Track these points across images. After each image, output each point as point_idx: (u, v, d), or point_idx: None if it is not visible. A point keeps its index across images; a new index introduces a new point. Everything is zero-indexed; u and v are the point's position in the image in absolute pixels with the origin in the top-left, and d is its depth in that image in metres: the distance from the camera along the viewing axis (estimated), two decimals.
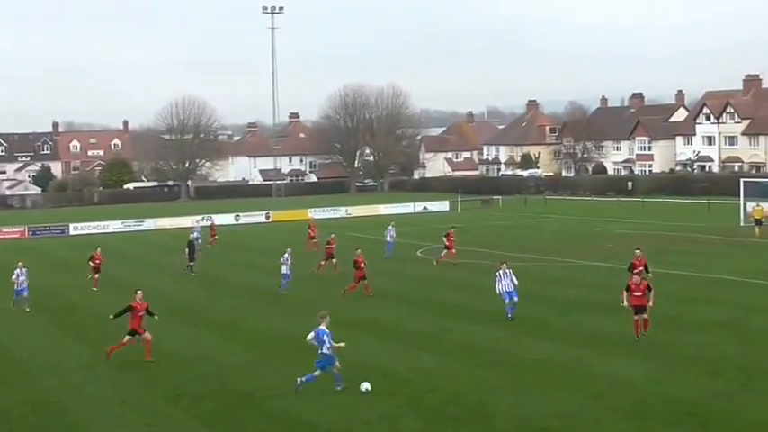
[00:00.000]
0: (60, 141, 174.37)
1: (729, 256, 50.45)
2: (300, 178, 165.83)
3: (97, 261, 46.17)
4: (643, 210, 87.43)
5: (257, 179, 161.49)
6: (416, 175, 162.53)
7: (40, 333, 34.62)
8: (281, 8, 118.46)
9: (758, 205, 64.28)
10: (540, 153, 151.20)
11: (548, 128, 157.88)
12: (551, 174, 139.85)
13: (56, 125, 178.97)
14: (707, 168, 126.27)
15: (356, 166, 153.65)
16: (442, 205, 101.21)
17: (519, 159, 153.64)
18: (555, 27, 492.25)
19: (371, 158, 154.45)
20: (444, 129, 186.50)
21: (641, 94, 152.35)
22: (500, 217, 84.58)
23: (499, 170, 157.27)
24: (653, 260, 48.09)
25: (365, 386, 23.84)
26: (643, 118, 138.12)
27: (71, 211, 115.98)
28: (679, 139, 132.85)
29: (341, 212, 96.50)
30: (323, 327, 24.25)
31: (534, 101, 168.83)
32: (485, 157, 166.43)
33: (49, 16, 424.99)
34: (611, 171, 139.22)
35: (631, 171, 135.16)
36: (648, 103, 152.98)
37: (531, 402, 22.64)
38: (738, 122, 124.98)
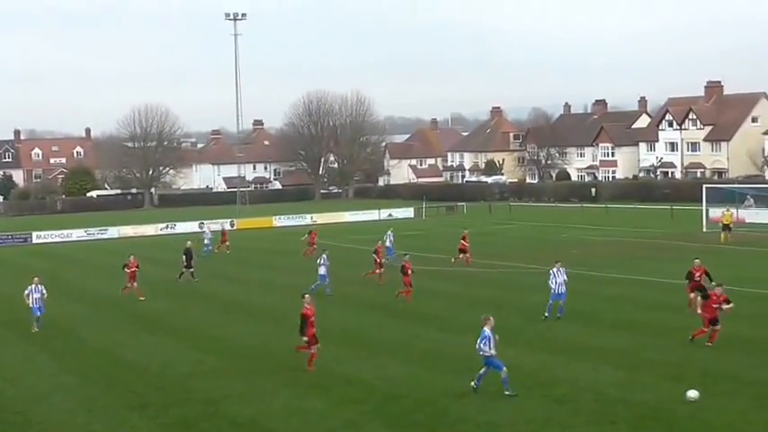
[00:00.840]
0: (22, 149, 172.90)
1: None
2: (265, 186, 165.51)
3: (132, 269, 44.04)
4: (607, 216, 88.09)
5: (221, 187, 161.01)
6: (381, 182, 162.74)
7: (2, 343, 34.35)
8: (243, 15, 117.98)
9: (728, 210, 64.98)
10: (504, 159, 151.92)
11: (512, 134, 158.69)
12: (515, 180, 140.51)
13: (17, 133, 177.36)
14: (670, 174, 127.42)
15: (321, 173, 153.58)
16: (406, 212, 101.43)
17: (483, 166, 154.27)
18: (519, 35, 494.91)
19: (336, 165, 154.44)
20: (409, 135, 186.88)
21: (604, 100, 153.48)
22: (465, 224, 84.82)
23: (463, 177, 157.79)
24: (617, 267, 48.58)
25: (692, 394, 22.64)
26: (606, 124, 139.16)
27: (34, 220, 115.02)
28: (642, 146, 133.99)
29: (306, 220, 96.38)
30: (486, 329, 24.35)
31: (498, 107, 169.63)
32: (449, 163, 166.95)
33: (10, 24, 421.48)
34: (574, 177, 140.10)
35: (595, 177, 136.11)
36: (611, 110, 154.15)
37: (498, 408, 22.80)
38: (701, 129, 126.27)
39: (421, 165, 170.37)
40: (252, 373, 27.42)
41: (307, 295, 28.76)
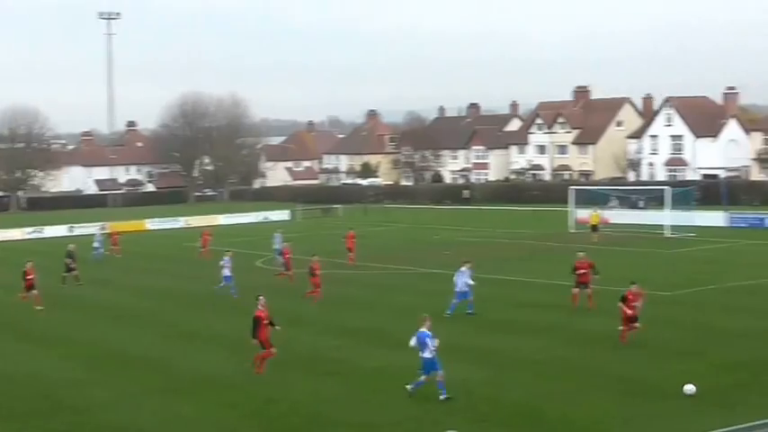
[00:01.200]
0: None
1: (560, 261, 52.09)
2: (138, 188, 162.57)
3: (29, 276, 41.65)
4: (480, 217, 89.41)
5: (93, 189, 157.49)
6: (257, 185, 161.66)
7: None
8: (117, 14, 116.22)
9: (595, 211, 66.73)
10: (379, 162, 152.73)
11: (387, 137, 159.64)
12: (391, 182, 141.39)
13: None
14: (539, 176, 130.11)
15: (195, 175, 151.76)
16: (282, 215, 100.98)
17: (359, 168, 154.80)
18: (393, 37, 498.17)
19: (211, 168, 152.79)
20: (285, 138, 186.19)
21: (478, 104, 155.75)
22: (340, 225, 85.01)
23: (339, 179, 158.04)
24: (488, 267, 49.41)
25: (689, 389, 22.85)
26: (479, 128, 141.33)
27: None
28: (513, 149, 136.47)
29: (180, 223, 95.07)
30: (424, 329, 23.68)
31: (374, 111, 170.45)
32: (325, 166, 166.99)
33: None
34: (448, 180, 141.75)
35: (468, 179, 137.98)
36: (485, 114, 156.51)
37: (370, 410, 22.94)
38: (569, 132, 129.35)
39: (297, 167, 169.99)
40: (123, 379, 26.95)
41: (261, 297, 28.25)
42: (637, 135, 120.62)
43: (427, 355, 23.47)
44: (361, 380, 26.11)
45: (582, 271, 36.28)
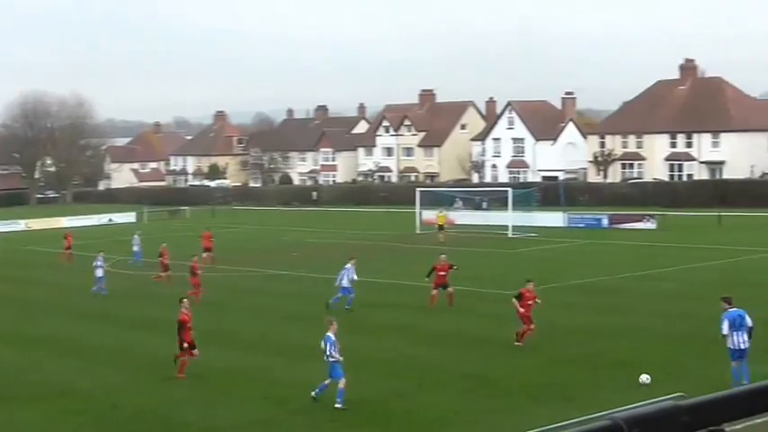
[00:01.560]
0: None
1: (406, 261, 52.76)
2: None
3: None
4: (328, 219, 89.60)
5: None
6: (102, 186, 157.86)
7: None
8: None
9: (441, 212, 67.76)
10: (227, 164, 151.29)
11: (235, 139, 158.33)
12: (239, 184, 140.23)
13: None
14: (386, 178, 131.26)
15: (37, 177, 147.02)
16: (128, 216, 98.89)
17: (207, 170, 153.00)
18: (245, 37, 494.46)
19: (54, 169, 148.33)
20: (131, 139, 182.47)
21: (325, 106, 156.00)
22: (188, 227, 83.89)
23: (187, 181, 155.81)
24: (337, 268, 49.53)
25: (644, 378, 23.25)
26: (327, 130, 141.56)
27: None
28: (361, 151, 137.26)
29: (20, 226, 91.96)
30: (329, 333, 23.14)
31: (222, 112, 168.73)
32: (172, 167, 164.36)
33: None
34: (297, 181, 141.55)
35: (316, 181, 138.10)
36: (332, 116, 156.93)
37: (218, 412, 22.65)
38: (415, 135, 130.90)
39: (143, 169, 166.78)
40: None
41: (185, 300, 27.73)
42: (480, 138, 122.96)
43: (329, 359, 23.08)
44: (210, 382, 25.77)
45: (442, 273, 36.80)
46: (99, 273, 43.59)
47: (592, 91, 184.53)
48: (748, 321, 23.23)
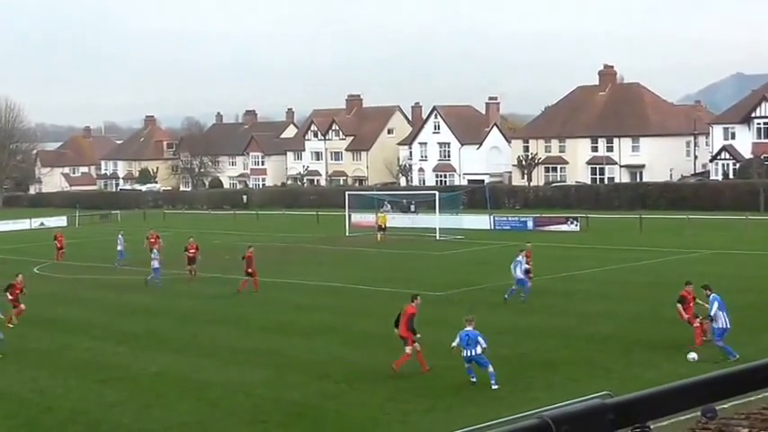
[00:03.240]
0: None
1: (337, 264, 52.79)
2: None
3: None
4: (258, 222, 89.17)
5: None
6: (33, 191, 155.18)
7: None
8: None
9: (381, 212, 68.26)
10: (158, 168, 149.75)
11: (165, 143, 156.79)
12: (169, 188, 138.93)
13: None
14: (316, 182, 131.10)
15: None
16: (59, 221, 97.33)
17: (137, 174, 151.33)
18: (170, 38, 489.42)
19: None
20: (61, 144, 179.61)
21: (254, 111, 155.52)
22: (119, 231, 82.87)
23: (118, 185, 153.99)
24: (266, 271, 49.48)
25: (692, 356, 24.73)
26: (256, 134, 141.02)
27: None
28: (290, 155, 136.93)
29: None
30: (470, 328, 23.80)
31: (152, 116, 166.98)
32: (103, 171, 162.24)
33: None
34: (227, 185, 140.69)
35: (246, 185, 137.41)
36: (261, 120, 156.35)
37: (152, 414, 22.45)
38: (343, 139, 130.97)
39: (74, 173, 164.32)
40: None
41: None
42: (407, 142, 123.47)
43: (477, 351, 23.89)
44: (143, 385, 25.52)
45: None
46: (120, 247, 52.73)
47: (514, 95, 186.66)
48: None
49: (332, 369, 26.49)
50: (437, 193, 70.61)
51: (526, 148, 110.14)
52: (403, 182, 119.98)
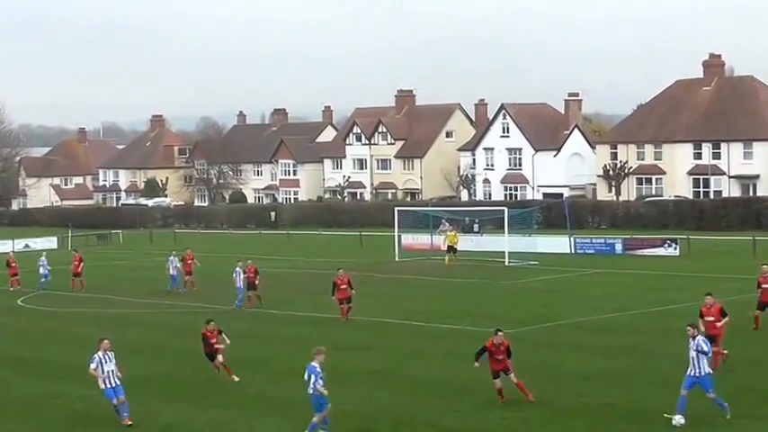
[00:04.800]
0: None
1: (384, 295, 52.85)
2: None
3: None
4: (289, 244, 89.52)
5: None
6: (15, 206, 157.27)
7: None
8: None
9: (451, 230, 68.58)
10: (167, 178, 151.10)
11: (176, 148, 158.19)
12: (182, 203, 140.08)
13: None
14: (358, 196, 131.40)
15: None
16: (48, 242, 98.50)
17: (143, 186, 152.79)
18: (182, 29, 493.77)
19: None
20: (50, 149, 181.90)
21: (284, 109, 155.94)
22: (121, 255, 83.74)
23: (119, 199, 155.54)
24: (299, 303, 49.59)
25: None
26: (287, 138, 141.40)
27: None
28: (327, 163, 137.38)
29: None
30: (314, 363, 24.51)
31: (160, 116, 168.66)
32: (101, 183, 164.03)
33: None
34: (251, 199, 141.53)
35: (275, 199, 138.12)
36: (292, 121, 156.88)
37: None
38: (391, 144, 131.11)
39: (66, 184, 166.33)
40: None
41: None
42: (469, 147, 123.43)
43: (309, 391, 24.53)
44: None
45: (344, 286, 43.92)
46: (172, 271, 56.16)
47: (599, 92, 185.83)
48: None
49: (377, 421, 26.55)
50: (506, 209, 70.42)
51: (614, 156, 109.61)
52: (464, 196, 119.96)
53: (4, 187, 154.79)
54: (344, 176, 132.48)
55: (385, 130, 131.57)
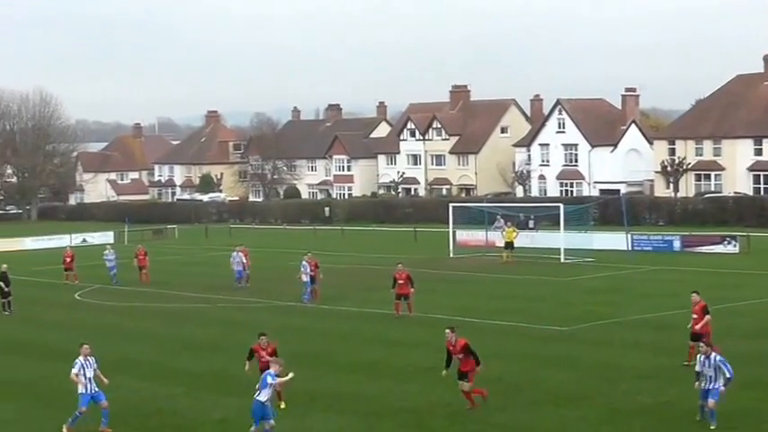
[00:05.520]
0: None
1: (438, 291, 52.79)
2: None
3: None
4: (343, 239, 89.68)
5: None
6: (73, 201, 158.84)
7: None
8: None
9: (509, 226, 68.37)
10: (222, 174, 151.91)
11: (231, 144, 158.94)
12: (236, 198, 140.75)
13: None
14: (413, 191, 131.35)
15: None
16: (105, 237, 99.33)
17: (197, 181, 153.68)
18: (233, 24, 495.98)
19: (15, 180, 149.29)
20: (107, 144, 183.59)
21: (338, 105, 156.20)
22: (176, 250, 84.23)
23: (174, 194, 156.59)
24: (353, 299, 49.62)
25: None
26: (341, 133, 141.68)
27: None
28: (381, 158, 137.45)
29: None
30: (272, 370, 23.85)
31: (215, 112, 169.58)
32: (156, 178, 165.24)
33: None
34: (305, 195, 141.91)
35: (329, 195, 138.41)
36: (347, 116, 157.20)
37: None
38: (446, 139, 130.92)
39: (122, 179, 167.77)
40: None
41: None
42: (524, 143, 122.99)
43: (261, 398, 23.77)
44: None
45: (401, 281, 43.66)
46: (237, 266, 56.27)
47: (657, 87, 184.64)
48: None
49: (432, 418, 26.50)
50: (561, 205, 70.11)
51: (672, 151, 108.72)
52: (519, 192, 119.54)
53: (61, 182, 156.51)
54: (398, 172, 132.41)
55: (439, 125, 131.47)
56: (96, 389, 26.40)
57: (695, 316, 31.99)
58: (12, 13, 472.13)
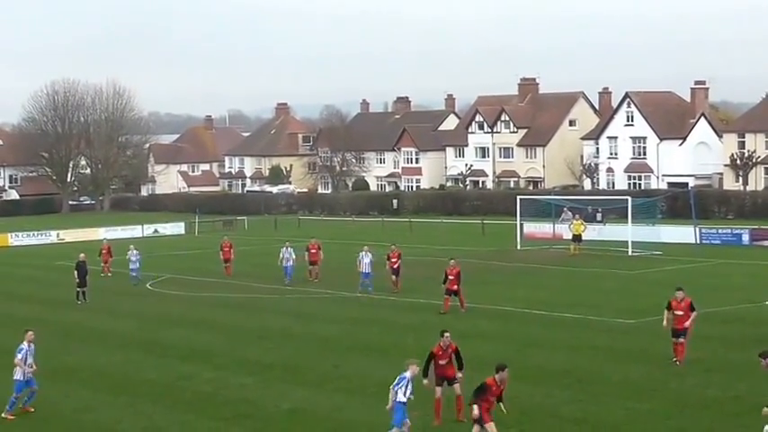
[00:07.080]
0: None
1: (507, 283, 52.80)
2: None
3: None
4: (411, 232, 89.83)
5: None
6: (145, 192, 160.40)
7: None
8: None
9: (577, 219, 68.29)
10: (291, 165, 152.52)
11: (301, 136, 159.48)
12: (305, 190, 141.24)
13: None
14: (480, 184, 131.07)
15: (69, 180, 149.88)
16: (176, 227, 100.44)
17: (267, 173, 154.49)
18: (303, 18, 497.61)
19: (88, 171, 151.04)
20: (178, 136, 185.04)
21: (407, 98, 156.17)
22: (246, 241, 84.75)
23: (244, 185, 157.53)
24: (421, 290, 49.77)
25: None
26: (409, 126, 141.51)
27: None
28: (449, 151, 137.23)
29: (51, 237, 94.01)
30: (406, 374, 23.59)
31: (285, 104, 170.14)
32: (227, 169, 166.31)
33: None
34: (374, 187, 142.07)
35: (397, 187, 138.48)
36: (415, 109, 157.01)
37: None
38: (514, 132, 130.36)
39: (193, 171, 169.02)
40: None
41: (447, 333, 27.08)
42: (593, 136, 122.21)
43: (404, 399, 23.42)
44: (274, 424, 26.17)
45: (451, 277, 43.24)
46: (286, 263, 55.58)
47: (726, 80, 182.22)
48: None
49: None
50: (629, 198, 69.73)
51: (742, 145, 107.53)
52: (587, 184, 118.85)
53: (134, 174, 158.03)
54: (467, 165, 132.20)
55: (507, 118, 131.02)
56: (30, 375, 28.07)
57: (680, 312, 31.90)
58: (85, 8, 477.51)
